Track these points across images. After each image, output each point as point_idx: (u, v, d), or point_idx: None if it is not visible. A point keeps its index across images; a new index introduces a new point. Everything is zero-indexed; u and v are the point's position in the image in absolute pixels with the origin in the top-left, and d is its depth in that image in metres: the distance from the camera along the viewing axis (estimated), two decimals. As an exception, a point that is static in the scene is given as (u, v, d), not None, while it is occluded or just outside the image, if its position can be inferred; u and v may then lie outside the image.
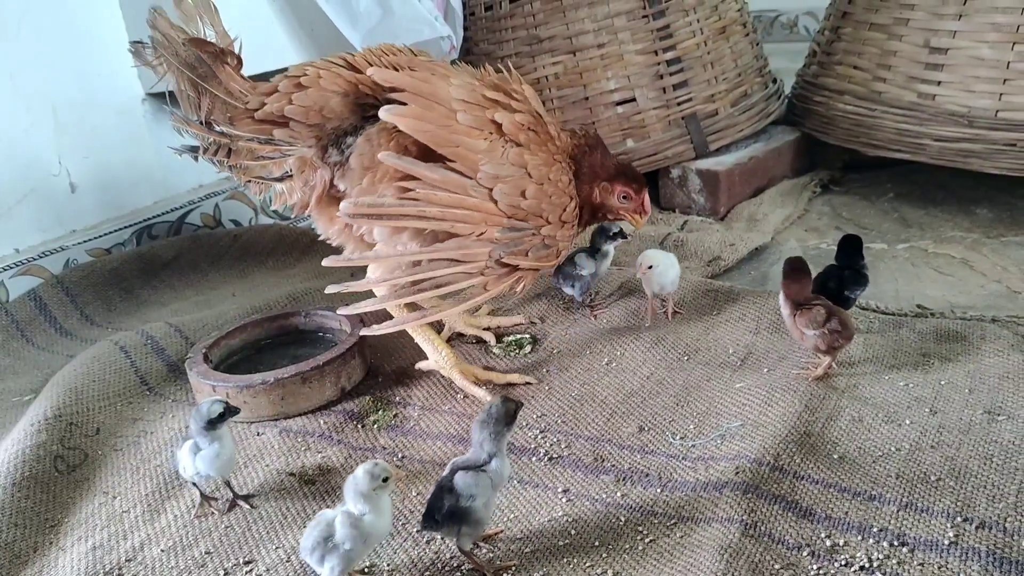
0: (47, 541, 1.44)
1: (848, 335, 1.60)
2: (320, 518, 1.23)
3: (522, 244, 1.56)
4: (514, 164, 1.53)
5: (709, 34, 2.65)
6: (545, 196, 1.56)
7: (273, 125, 1.61)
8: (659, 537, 1.29)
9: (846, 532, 1.25)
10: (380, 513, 1.22)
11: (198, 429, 1.43)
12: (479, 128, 1.52)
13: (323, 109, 1.59)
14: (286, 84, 1.61)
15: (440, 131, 1.50)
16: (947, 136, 2.38)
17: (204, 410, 1.43)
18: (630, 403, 1.66)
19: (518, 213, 1.54)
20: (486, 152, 1.51)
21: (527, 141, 1.56)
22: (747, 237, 2.36)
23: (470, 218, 1.52)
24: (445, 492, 1.24)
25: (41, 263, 2.33)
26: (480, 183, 1.51)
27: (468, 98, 1.54)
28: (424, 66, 1.62)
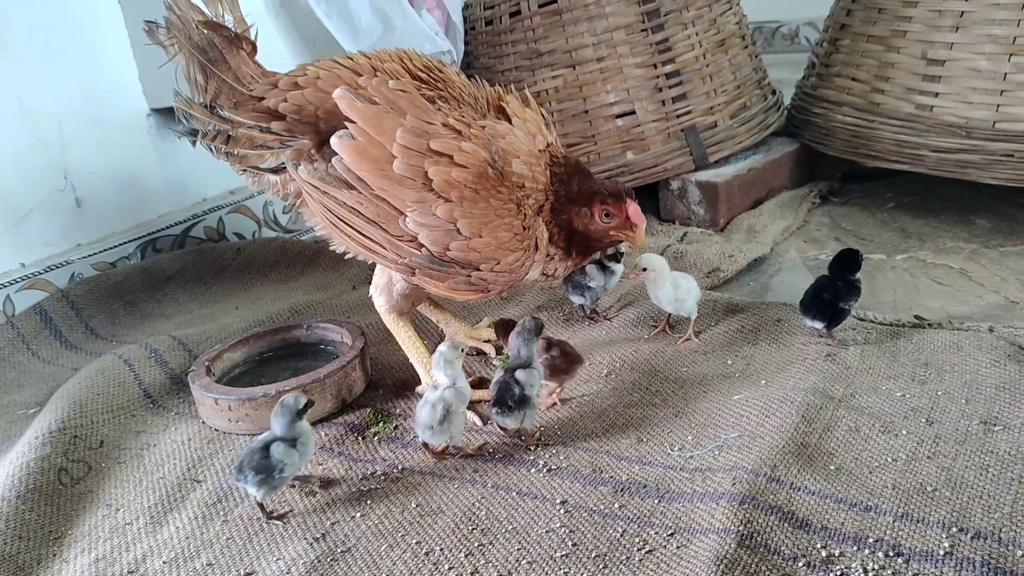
0: (51, 553, 1.45)
1: (570, 362, 1.70)
2: (428, 400, 1.54)
3: (441, 275, 1.59)
4: (442, 218, 1.54)
5: (708, 47, 2.68)
6: (473, 250, 1.56)
7: (272, 117, 1.64)
8: (656, 548, 1.30)
9: (842, 543, 1.26)
10: (463, 378, 1.59)
11: (286, 425, 1.46)
12: (412, 178, 1.53)
13: (319, 108, 1.62)
14: (285, 81, 1.65)
15: (375, 172, 1.53)
16: (945, 147, 2.39)
17: (290, 403, 1.48)
18: (629, 414, 1.67)
19: (444, 257, 1.57)
20: (415, 203, 1.53)
21: (459, 198, 1.54)
22: (746, 248, 2.37)
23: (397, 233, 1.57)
24: (513, 384, 1.56)
25: (47, 277, 2.36)
26: (406, 225, 1.55)
27: (411, 144, 1.53)
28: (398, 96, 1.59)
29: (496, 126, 1.66)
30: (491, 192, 1.57)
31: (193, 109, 1.68)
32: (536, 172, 1.65)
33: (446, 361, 1.58)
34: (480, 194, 1.55)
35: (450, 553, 1.34)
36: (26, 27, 2.31)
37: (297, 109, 1.63)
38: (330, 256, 2.63)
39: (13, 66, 2.30)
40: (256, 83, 1.68)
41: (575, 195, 1.68)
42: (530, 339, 1.62)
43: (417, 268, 1.59)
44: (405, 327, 1.80)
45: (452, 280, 1.59)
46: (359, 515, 1.45)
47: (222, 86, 1.66)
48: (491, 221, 1.56)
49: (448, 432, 1.55)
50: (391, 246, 1.58)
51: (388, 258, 1.60)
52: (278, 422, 1.47)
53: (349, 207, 1.58)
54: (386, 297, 1.78)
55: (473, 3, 2.79)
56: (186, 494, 1.57)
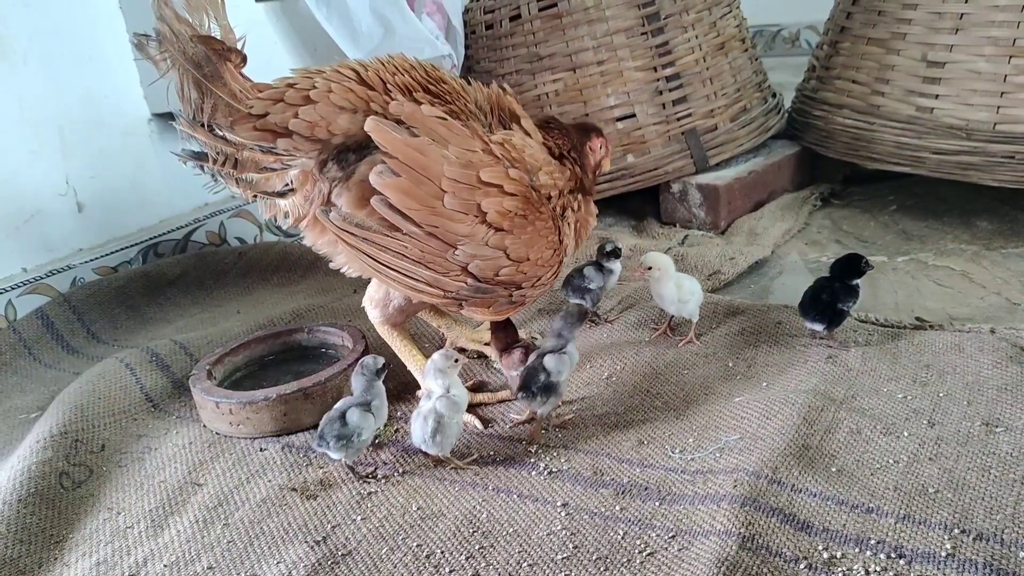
0: (52, 557, 1.45)
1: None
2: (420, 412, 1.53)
3: (487, 299, 1.60)
4: (493, 247, 1.55)
5: (708, 50, 2.68)
6: (520, 272, 1.59)
7: (276, 135, 1.55)
8: (657, 550, 1.29)
9: (843, 544, 1.26)
10: (458, 386, 1.56)
11: (366, 384, 1.55)
12: (464, 212, 1.52)
13: (330, 125, 1.55)
14: (293, 95, 1.54)
15: (424, 211, 1.50)
16: (946, 149, 2.39)
17: (370, 363, 1.57)
18: (629, 417, 1.67)
19: (491, 281, 1.58)
20: (467, 236, 1.53)
21: (511, 227, 1.55)
22: (747, 251, 2.37)
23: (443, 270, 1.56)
24: (540, 371, 1.57)
25: (48, 282, 2.36)
26: (456, 256, 1.54)
27: (460, 178, 1.51)
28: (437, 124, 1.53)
29: (514, 140, 1.63)
30: (535, 215, 1.59)
31: (197, 132, 1.56)
32: (555, 177, 1.66)
33: (438, 370, 1.55)
34: (527, 219, 1.58)
35: (451, 556, 1.34)
36: (27, 33, 2.32)
37: (308, 127, 1.54)
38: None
39: (15, 72, 2.30)
40: (249, 98, 1.55)
41: (577, 144, 1.73)
42: (573, 324, 1.64)
43: (464, 300, 1.59)
44: (400, 337, 1.79)
45: (496, 304, 1.61)
46: (360, 518, 1.45)
47: (219, 103, 1.53)
48: (536, 243, 1.60)
49: (442, 444, 1.53)
50: (436, 283, 1.56)
51: (434, 295, 1.58)
52: (358, 381, 1.56)
53: (392, 251, 1.53)
54: (380, 310, 1.76)
55: (473, 7, 2.80)
56: (187, 498, 1.57)
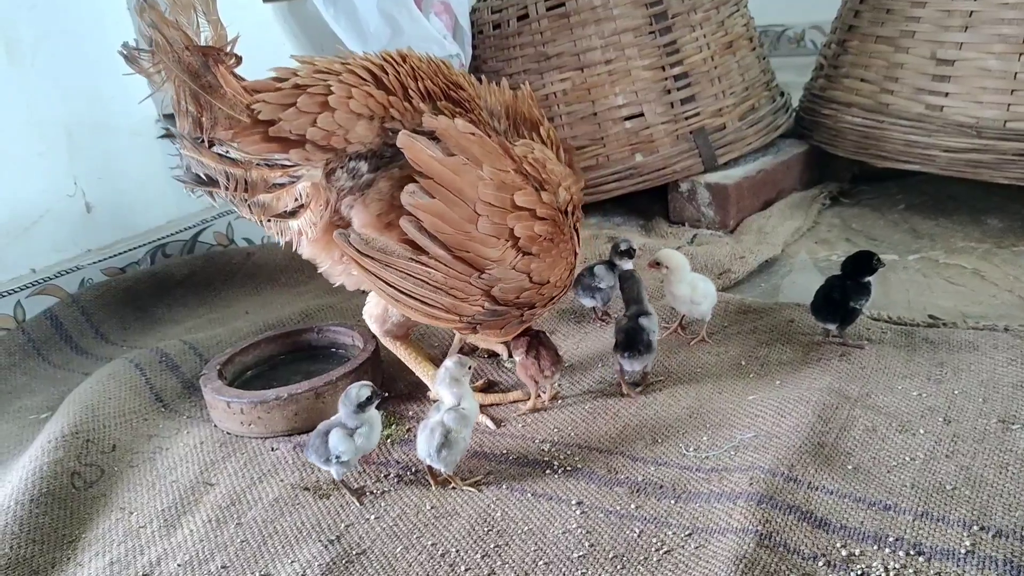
0: (64, 557, 1.44)
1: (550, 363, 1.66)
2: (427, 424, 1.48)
3: (500, 321, 1.58)
4: (519, 271, 1.52)
5: (716, 49, 2.67)
6: (539, 294, 1.58)
7: (288, 144, 1.43)
8: (674, 548, 1.29)
9: (862, 542, 1.25)
10: (470, 398, 1.51)
11: (349, 413, 1.49)
12: (496, 236, 1.48)
13: (348, 133, 1.45)
14: (308, 101, 1.41)
15: (457, 235, 1.45)
16: (956, 147, 2.38)
17: (353, 394, 1.49)
18: (643, 415, 1.66)
19: (508, 303, 1.56)
20: (496, 261, 1.49)
21: (539, 251, 1.53)
22: (757, 250, 2.37)
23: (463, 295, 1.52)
24: (640, 330, 1.68)
25: (57, 283, 2.36)
26: (481, 280, 1.50)
27: (494, 201, 1.46)
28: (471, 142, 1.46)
29: (537, 153, 1.59)
30: (560, 237, 1.57)
31: (203, 155, 1.41)
32: (572, 191, 1.62)
33: (453, 379, 1.49)
34: (553, 242, 1.55)
35: (466, 555, 1.33)
36: (35, 34, 2.32)
37: (326, 136, 1.43)
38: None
39: (23, 73, 2.30)
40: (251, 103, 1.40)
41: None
42: (642, 288, 1.78)
43: (479, 324, 1.56)
44: (403, 347, 1.78)
45: (508, 325, 1.58)
46: (373, 517, 1.45)
47: (219, 116, 1.39)
48: (558, 264, 1.58)
49: (447, 460, 1.47)
50: (454, 309, 1.52)
51: (449, 321, 1.54)
52: (342, 408, 1.50)
53: (414, 278, 1.48)
54: (379, 325, 1.74)
55: (480, 7, 2.80)
56: (199, 497, 1.56)
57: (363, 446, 1.50)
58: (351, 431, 1.49)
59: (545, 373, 1.65)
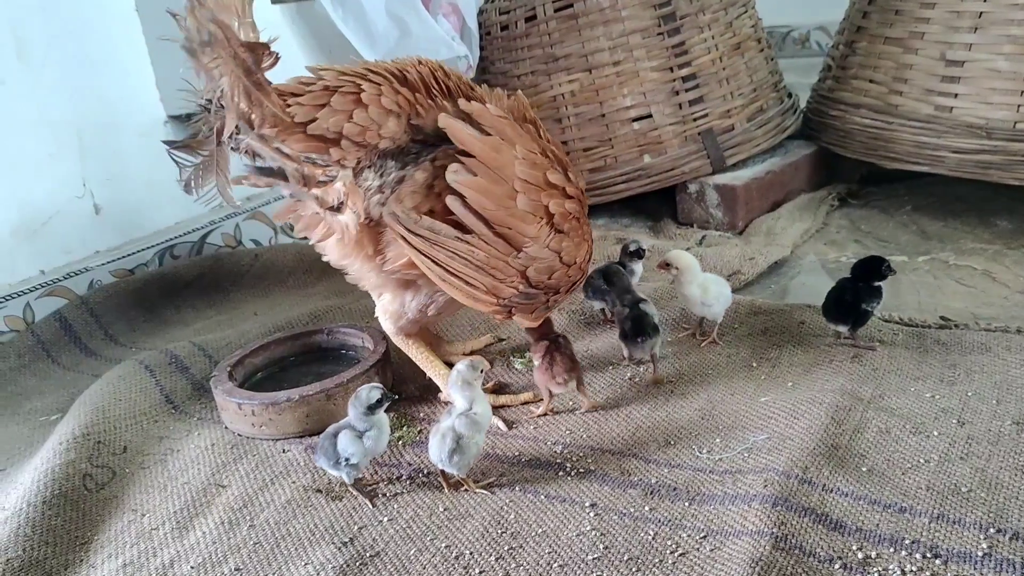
0: (77, 559, 1.44)
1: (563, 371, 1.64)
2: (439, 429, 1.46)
3: (531, 304, 1.61)
4: (552, 250, 1.56)
5: (724, 50, 2.67)
6: (567, 276, 1.62)
7: (327, 142, 1.47)
8: (689, 550, 1.28)
9: (878, 544, 1.24)
10: (482, 402, 1.49)
11: (358, 416, 1.48)
12: (533, 213, 1.53)
13: (380, 129, 1.49)
14: (341, 100, 1.46)
15: (499, 211, 1.49)
16: (965, 148, 2.38)
17: (363, 396, 1.48)
18: (654, 417, 1.66)
19: (540, 285, 1.59)
20: (533, 238, 1.53)
21: (568, 229, 1.58)
22: (767, 251, 2.36)
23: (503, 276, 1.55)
24: (644, 315, 1.74)
25: (66, 284, 2.36)
26: (518, 259, 1.54)
27: (530, 179, 1.52)
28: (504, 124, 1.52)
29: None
30: (584, 218, 1.62)
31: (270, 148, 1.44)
32: (578, 179, 1.65)
33: (465, 382, 1.48)
34: (580, 221, 1.61)
35: (480, 557, 1.33)
36: (45, 36, 2.32)
37: (360, 131, 1.48)
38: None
39: (33, 75, 2.30)
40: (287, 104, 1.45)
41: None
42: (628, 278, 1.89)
43: (514, 307, 1.59)
44: (415, 345, 1.78)
45: (537, 309, 1.61)
46: (387, 519, 1.44)
47: (267, 113, 1.43)
48: (582, 246, 1.62)
49: (459, 464, 1.46)
50: (493, 290, 1.54)
51: (487, 303, 1.56)
52: (351, 410, 1.50)
53: (460, 256, 1.51)
54: (393, 321, 1.74)
55: (488, 8, 2.80)
56: (211, 499, 1.56)
57: (372, 448, 1.49)
58: (360, 433, 1.48)
59: (557, 380, 1.64)
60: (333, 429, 1.51)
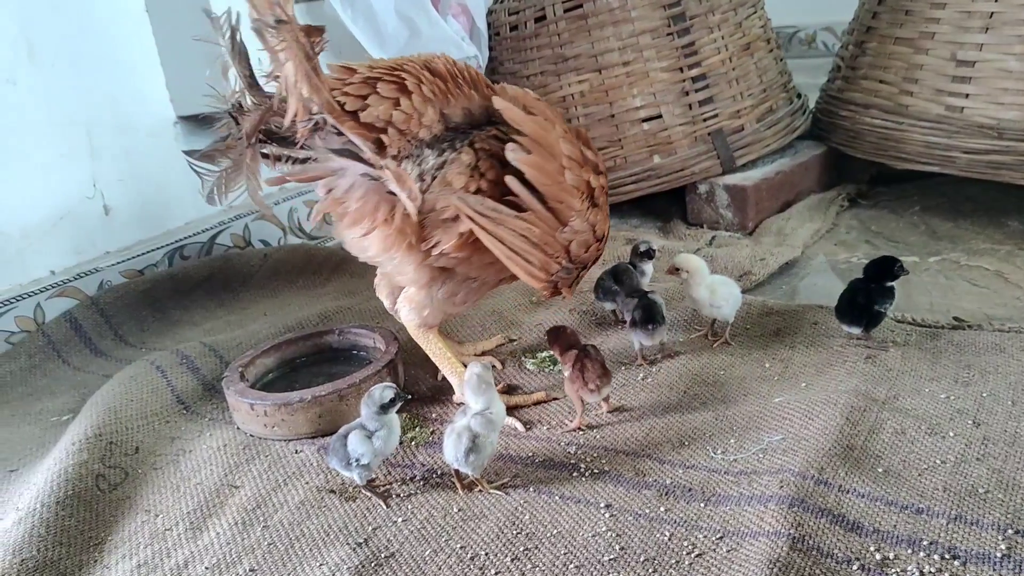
0: (91, 559, 1.44)
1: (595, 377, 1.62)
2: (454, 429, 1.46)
3: (567, 279, 1.66)
4: (589, 223, 1.61)
5: (734, 50, 2.67)
6: (597, 250, 1.68)
7: (375, 131, 1.49)
8: (706, 551, 1.28)
9: (896, 545, 1.24)
10: (497, 402, 1.49)
11: (370, 415, 1.49)
12: (577, 188, 1.57)
13: (423, 117, 1.53)
14: (386, 88, 1.50)
15: (553, 186, 1.53)
16: (977, 148, 2.37)
17: (377, 395, 1.48)
18: (668, 418, 1.65)
19: (577, 259, 1.64)
20: (579, 212, 1.58)
21: (602, 204, 1.65)
22: (777, 252, 2.36)
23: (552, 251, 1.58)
24: (654, 304, 1.79)
25: (76, 284, 2.36)
26: (563, 234, 1.58)
27: (572, 155, 1.57)
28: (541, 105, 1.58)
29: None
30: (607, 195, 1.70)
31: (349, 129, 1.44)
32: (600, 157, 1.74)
33: (484, 383, 1.48)
34: (607, 196, 1.69)
35: (496, 558, 1.32)
36: (56, 36, 2.32)
37: (406, 119, 1.51)
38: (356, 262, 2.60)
39: (44, 76, 2.31)
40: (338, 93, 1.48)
41: None
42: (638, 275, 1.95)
43: (557, 282, 1.62)
44: (435, 339, 1.77)
45: (571, 287, 1.67)
46: (401, 520, 1.44)
47: (324, 99, 1.43)
48: (607, 221, 1.70)
49: (475, 464, 1.46)
50: (544, 266, 1.57)
51: (539, 279, 1.58)
52: (364, 409, 1.50)
53: (519, 233, 1.53)
54: (417, 312, 1.73)
55: (497, 8, 2.80)
56: (224, 500, 1.56)
57: (381, 449, 1.49)
58: (370, 434, 1.48)
59: (589, 387, 1.61)
60: (344, 430, 1.51)
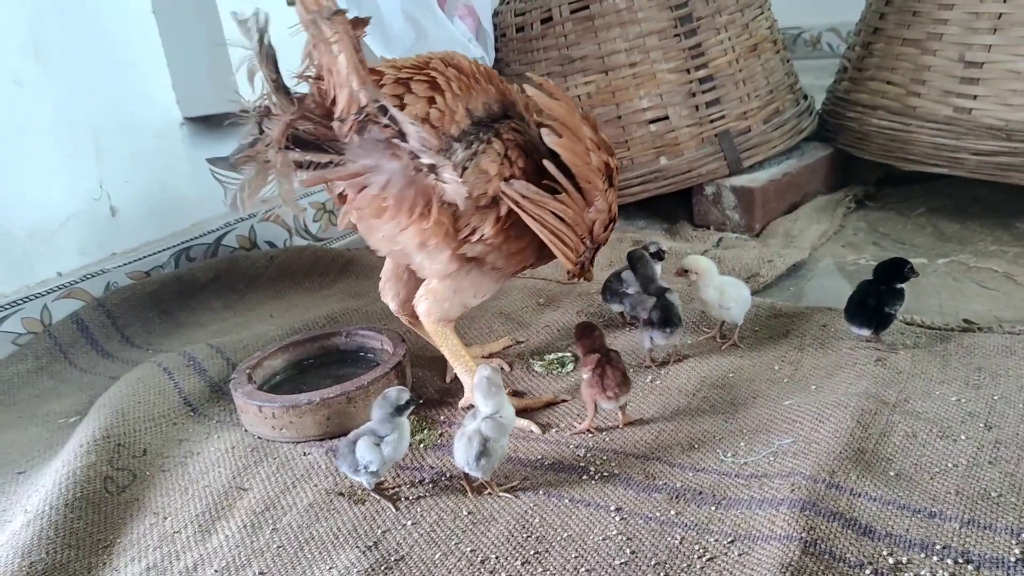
0: (100, 562, 1.44)
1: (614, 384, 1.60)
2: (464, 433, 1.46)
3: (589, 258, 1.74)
4: (607, 203, 1.66)
5: (740, 52, 2.66)
6: (609, 231, 1.74)
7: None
8: (717, 555, 1.27)
9: (908, 550, 1.23)
10: (507, 405, 1.48)
11: (383, 418, 1.48)
12: (600, 169, 1.63)
13: (455, 114, 1.58)
14: (420, 88, 1.55)
15: (583, 168, 1.58)
16: (985, 150, 2.36)
17: (392, 396, 1.49)
18: (677, 421, 1.65)
19: (596, 240, 1.71)
20: (602, 192, 1.63)
21: (616, 185, 1.71)
22: (785, 253, 2.35)
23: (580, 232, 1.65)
24: (671, 305, 1.80)
25: (83, 286, 2.36)
26: (588, 214, 1.63)
27: (593, 137, 1.63)
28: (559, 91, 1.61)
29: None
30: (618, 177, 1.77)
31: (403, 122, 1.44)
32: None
33: (493, 385, 1.46)
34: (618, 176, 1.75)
35: (506, 561, 1.32)
36: (62, 38, 2.32)
37: (440, 117, 1.56)
38: (363, 264, 2.64)
39: (50, 76, 2.30)
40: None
41: None
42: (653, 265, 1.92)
43: (584, 262, 1.70)
44: (453, 336, 1.75)
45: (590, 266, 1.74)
46: (410, 523, 1.44)
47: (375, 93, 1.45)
48: (616, 202, 1.75)
49: (485, 468, 1.45)
50: (575, 246, 1.63)
51: (571, 259, 1.65)
52: (376, 412, 1.49)
53: (557, 216, 1.58)
54: (439, 304, 1.71)
55: (503, 9, 2.79)
56: (233, 502, 1.55)
57: (390, 456, 1.48)
58: (379, 440, 1.47)
59: (608, 394, 1.60)
60: (353, 436, 1.50)
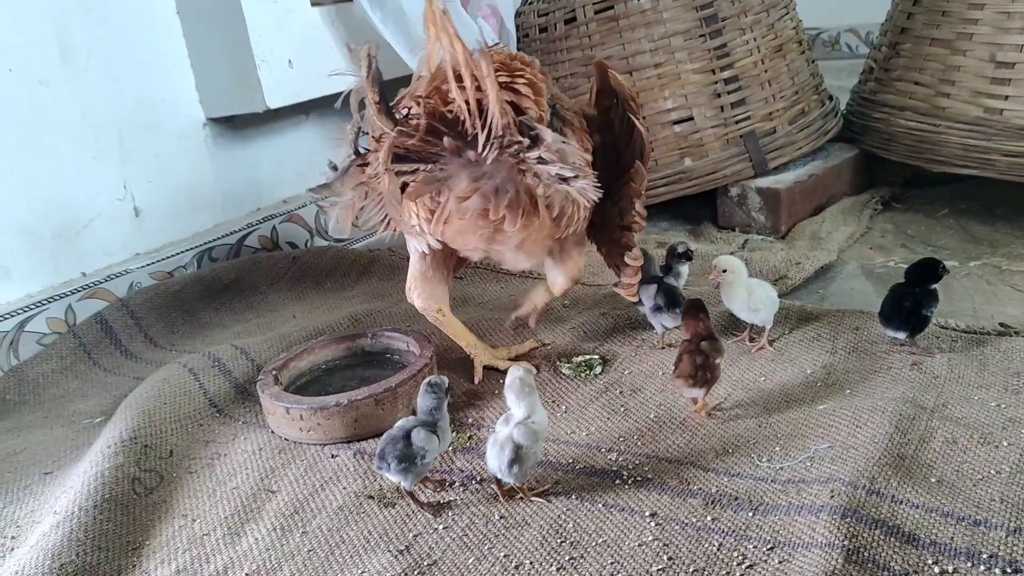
0: (130, 564, 1.43)
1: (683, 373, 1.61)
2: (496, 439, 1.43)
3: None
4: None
5: (766, 52, 2.64)
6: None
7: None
8: (757, 562, 1.25)
9: (954, 558, 1.21)
10: (540, 410, 1.45)
11: (436, 404, 1.47)
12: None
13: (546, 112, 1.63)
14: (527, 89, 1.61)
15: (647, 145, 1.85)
16: (1017, 151, 2.33)
17: (438, 382, 1.48)
18: (709, 424, 1.62)
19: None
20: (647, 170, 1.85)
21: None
22: (812, 255, 2.32)
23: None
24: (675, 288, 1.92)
25: (107, 286, 2.36)
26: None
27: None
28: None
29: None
30: None
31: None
32: None
33: (527, 386, 1.43)
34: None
35: (541, 567, 1.30)
36: (88, 39, 2.32)
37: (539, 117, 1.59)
38: (385, 265, 2.62)
39: (76, 77, 2.30)
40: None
41: None
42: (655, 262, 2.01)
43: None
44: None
45: None
46: (442, 527, 1.42)
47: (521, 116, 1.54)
48: None
49: (518, 474, 1.43)
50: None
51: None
52: (426, 400, 1.47)
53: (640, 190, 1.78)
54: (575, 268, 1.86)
55: (526, 10, 2.78)
56: (261, 505, 1.54)
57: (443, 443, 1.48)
58: (433, 427, 1.46)
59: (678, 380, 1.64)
60: (399, 431, 1.46)
